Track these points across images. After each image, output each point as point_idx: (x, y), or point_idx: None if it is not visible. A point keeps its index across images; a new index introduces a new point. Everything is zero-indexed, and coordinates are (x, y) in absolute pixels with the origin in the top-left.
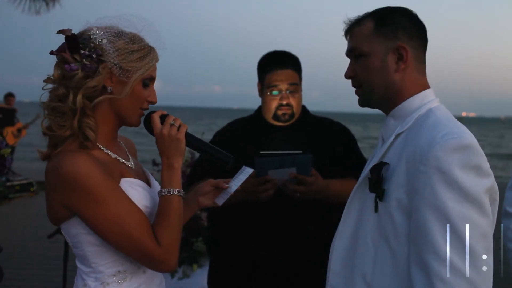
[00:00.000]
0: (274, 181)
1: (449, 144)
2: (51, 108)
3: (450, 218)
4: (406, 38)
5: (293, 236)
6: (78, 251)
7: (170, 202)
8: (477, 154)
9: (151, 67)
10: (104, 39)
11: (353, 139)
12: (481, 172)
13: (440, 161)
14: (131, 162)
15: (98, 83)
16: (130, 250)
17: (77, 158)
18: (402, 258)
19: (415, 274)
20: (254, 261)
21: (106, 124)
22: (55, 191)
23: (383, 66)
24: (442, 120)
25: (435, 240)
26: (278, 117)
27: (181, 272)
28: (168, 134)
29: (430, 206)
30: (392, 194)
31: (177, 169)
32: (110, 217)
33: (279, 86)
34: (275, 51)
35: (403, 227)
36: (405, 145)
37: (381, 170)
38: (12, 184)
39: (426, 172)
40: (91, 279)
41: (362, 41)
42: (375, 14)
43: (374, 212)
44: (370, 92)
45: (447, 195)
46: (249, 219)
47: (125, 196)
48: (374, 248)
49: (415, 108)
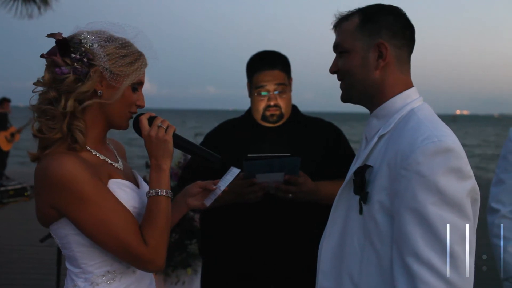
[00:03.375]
0: (262, 183)
1: (429, 148)
2: (41, 111)
3: (430, 221)
4: (388, 37)
5: (285, 238)
6: (67, 252)
7: (158, 202)
8: (458, 157)
9: (141, 72)
10: (95, 43)
11: (345, 140)
12: (461, 175)
13: (421, 165)
14: (119, 163)
15: (90, 87)
16: (117, 250)
17: (65, 159)
18: (386, 259)
19: (397, 276)
20: (245, 263)
21: (96, 127)
22: (43, 192)
23: (363, 63)
24: (424, 122)
25: (416, 243)
26: (266, 118)
27: (175, 277)
28: (156, 136)
29: (410, 209)
30: (375, 197)
31: (165, 170)
32: (97, 217)
33: (267, 87)
34: (264, 51)
35: (386, 229)
36: (387, 148)
37: (365, 172)
38: (6, 189)
39: (406, 176)
40: (80, 280)
41: (346, 37)
42: (363, 11)
43: (359, 214)
44: (351, 88)
45: (428, 199)
46: (240, 221)
47: (112, 197)
48: (360, 249)
49: (398, 108)
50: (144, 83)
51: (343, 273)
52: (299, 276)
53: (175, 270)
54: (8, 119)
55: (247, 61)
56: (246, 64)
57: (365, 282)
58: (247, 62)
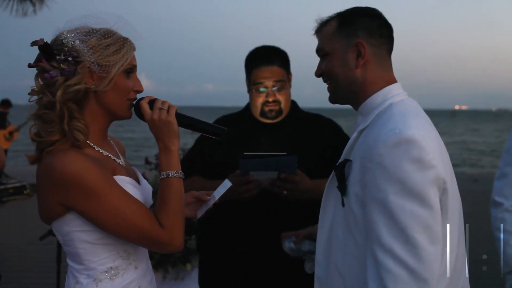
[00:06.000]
0: (257, 181)
1: (390, 139)
2: (38, 116)
3: (392, 211)
4: (365, 36)
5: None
6: (69, 249)
7: (169, 184)
8: (418, 147)
9: (129, 57)
10: (76, 40)
11: (345, 136)
12: (422, 165)
13: (383, 157)
14: (121, 159)
15: (78, 81)
16: (135, 237)
17: (70, 156)
18: (364, 248)
19: (368, 264)
20: (242, 260)
21: (97, 122)
22: (50, 190)
23: (344, 63)
24: (395, 115)
25: (380, 232)
26: (265, 114)
27: (174, 273)
28: (159, 118)
29: (374, 200)
30: (351, 190)
31: (174, 151)
32: (111, 208)
33: (265, 83)
34: (262, 47)
35: (361, 219)
36: (362, 142)
37: (344, 167)
38: (5, 187)
39: (371, 168)
40: (83, 276)
41: (325, 41)
42: (340, 15)
43: (342, 206)
44: (336, 88)
45: (389, 189)
46: (237, 218)
47: (121, 188)
48: (343, 240)
49: (378, 104)
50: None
51: (331, 263)
52: (295, 273)
53: (174, 267)
54: (7, 117)
55: (246, 55)
56: (245, 60)
57: (347, 271)
58: (246, 58)
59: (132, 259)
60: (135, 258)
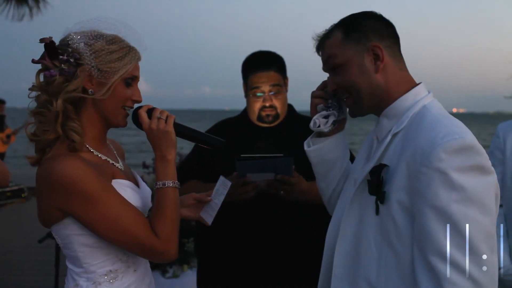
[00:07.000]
0: (254, 183)
1: (451, 145)
2: (35, 114)
3: (453, 218)
4: (378, 39)
5: (279, 235)
6: (69, 252)
7: (165, 194)
8: (479, 153)
9: (132, 66)
10: (81, 42)
11: None
12: (483, 171)
13: (442, 162)
14: (120, 163)
15: (76, 86)
16: (130, 245)
17: (69, 161)
18: (407, 261)
19: (420, 276)
20: (240, 261)
21: (94, 126)
22: (48, 195)
23: (362, 71)
24: (440, 118)
25: (439, 241)
26: (262, 119)
27: (172, 273)
28: (157, 127)
29: (432, 207)
30: (393, 196)
31: (171, 161)
32: (108, 215)
33: (262, 88)
34: (259, 52)
35: (406, 229)
36: (403, 145)
37: (381, 172)
38: (3, 190)
39: (427, 173)
40: (82, 279)
41: (334, 52)
42: (341, 24)
43: (376, 215)
44: (358, 100)
45: (450, 196)
46: (235, 219)
47: (118, 194)
48: (377, 252)
49: (409, 106)
50: (139, 78)
51: (359, 277)
52: (293, 275)
53: (172, 266)
54: (4, 121)
55: (243, 61)
56: (242, 65)
57: (384, 286)
58: (243, 63)
59: (131, 262)
60: (134, 261)
